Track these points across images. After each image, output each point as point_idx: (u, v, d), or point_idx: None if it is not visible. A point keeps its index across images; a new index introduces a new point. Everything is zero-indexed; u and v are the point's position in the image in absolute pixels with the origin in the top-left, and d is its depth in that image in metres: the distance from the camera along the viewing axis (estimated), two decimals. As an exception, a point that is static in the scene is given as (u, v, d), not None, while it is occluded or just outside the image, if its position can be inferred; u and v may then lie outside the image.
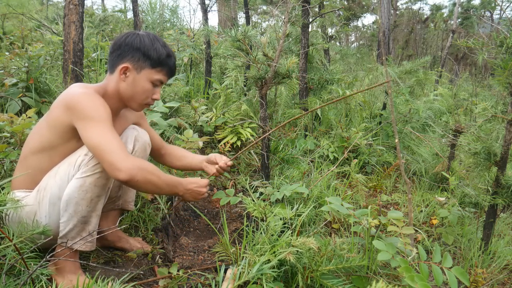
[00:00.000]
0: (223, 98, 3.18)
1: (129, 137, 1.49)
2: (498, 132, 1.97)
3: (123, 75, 1.33)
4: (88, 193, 1.20)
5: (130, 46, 1.31)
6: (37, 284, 1.15)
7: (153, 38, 1.34)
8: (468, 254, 1.80)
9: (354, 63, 7.84)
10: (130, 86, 1.34)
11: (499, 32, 1.63)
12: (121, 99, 1.38)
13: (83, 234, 1.24)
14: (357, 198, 2.37)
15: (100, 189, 1.22)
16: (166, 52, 1.35)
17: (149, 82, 1.35)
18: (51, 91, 2.66)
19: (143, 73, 1.33)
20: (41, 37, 4.45)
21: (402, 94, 3.55)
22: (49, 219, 1.24)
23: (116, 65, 1.33)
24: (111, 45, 1.36)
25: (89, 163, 1.20)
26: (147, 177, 1.22)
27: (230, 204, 2.06)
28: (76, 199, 1.19)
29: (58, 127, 1.25)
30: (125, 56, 1.32)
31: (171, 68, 1.39)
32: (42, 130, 1.29)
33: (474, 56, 8.35)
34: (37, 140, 1.28)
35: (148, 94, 1.38)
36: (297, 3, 3.03)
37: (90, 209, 1.22)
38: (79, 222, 1.21)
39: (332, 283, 1.24)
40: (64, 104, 1.24)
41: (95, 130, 1.19)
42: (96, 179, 1.20)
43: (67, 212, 1.19)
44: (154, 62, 1.33)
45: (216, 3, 6.23)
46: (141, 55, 1.31)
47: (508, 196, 1.67)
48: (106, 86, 1.36)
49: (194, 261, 1.62)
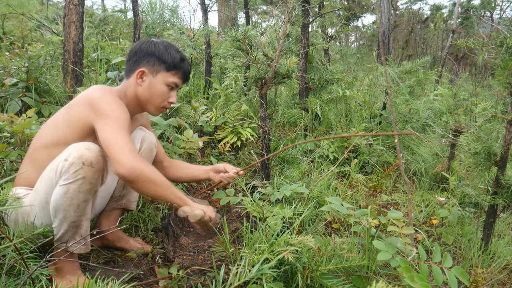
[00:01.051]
0: (223, 98, 3.18)
1: (136, 137, 1.52)
2: (498, 132, 1.97)
3: (140, 80, 1.40)
4: (73, 199, 1.17)
5: (146, 52, 1.39)
6: (37, 284, 1.15)
7: (167, 44, 1.42)
8: (468, 254, 1.80)
9: (354, 63, 7.84)
10: (147, 89, 1.40)
11: (499, 32, 1.63)
12: (139, 103, 1.44)
13: (77, 237, 1.23)
14: (357, 198, 2.37)
15: (85, 194, 1.19)
16: (180, 56, 1.42)
17: (164, 85, 1.41)
18: (51, 91, 2.66)
19: (158, 77, 1.40)
20: (41, 37, 4.45)
21: (402, 94, 3.55)
22: (41, 222, 1.24)
23: (133, 70, 1.41)
24: (128, 53, 1.43)
25: (70, 169, 1.15)
26: (148, 175, 1.22)
27: (230, 204, 2.06)
28: (63, 206, 1.17)
29: (77, 123, 1.27)
30: (141, 62, 1.39)
31: (185, 72, 1.45)
32: (58, 125, 1.30)
33: (474, 56, 8.35)
34: (52, 134, 1.29)
35: (165, 97, 1.44)
36: (297, 3, 3.03)
37: (79, 214, 1.20)
38: (70, 227, 1.20)
39: (332, 283, 1.24)
40: (86, 102, 1.28)
41: (110, 128, 1.23)
42: (79, 185, 1.16)
43: (57, 218, 1.19)
44: (168, 65, 1.39)
45: (216, 3, 6.23)
46: (156, 60, 1.39)
47: (508, 196, 1.67)
48: (126, 90, 1.43)
49: (194, 261, 1.62)
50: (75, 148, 1.17)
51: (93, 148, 1.18)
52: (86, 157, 1.15)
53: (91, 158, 1.16)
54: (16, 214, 1.26)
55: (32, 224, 1.23)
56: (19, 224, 1.24)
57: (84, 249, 1.27)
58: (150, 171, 1.24)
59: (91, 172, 1.16)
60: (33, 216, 1.24)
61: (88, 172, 1.16)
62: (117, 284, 1.03)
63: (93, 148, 1.18)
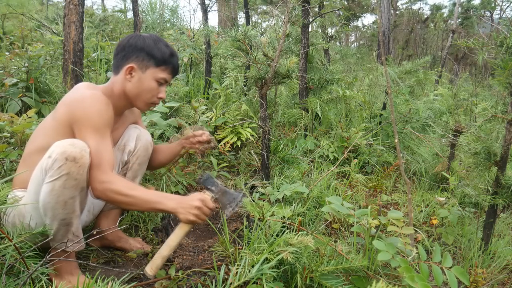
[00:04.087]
0: (223, 98, 3.18)
1: (131, 136, 1.51)
2: (498, 132, 1.97)
3: (128, 75, 1.37)
4: (60, 196, 1.15)
5: (134, 47, 1.35)
6: (37, 284, 1.15)
7: (156, 39, 1.38)
8: (468, 254, 1.80)
9: (354, 63, 7.84)
10: (136, 85, 1.38)
11: (499, 32, 1.63)
12: (127, 99, 1.42)
13: (69, 236, 1.23)
14: (357, 198, 2.37)
15: (71, 190, 1.17)
16: (169, 51, 1.39)
17: (154, 81, 1.39)
18: (51, 91, 2.66)
19: (148, 72, 1.37)
20: (41, 37, 4.45)
21: (402, 94, 3.55)
22: (36, 222, 1.23)
23: (121, 66, 1.37)
24: (115, 47, 1.40)
25: (54, 166, 1.13)
26: (113, 198, 1.22)
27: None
28: (51, 204, 1.16)
29: (63, 127, 1.26)
30: (129, 57, 1.36)
31: (175, 67, 1.43)
32: (47, 129, 1.29)
33: (474, 56, 8.35)
34: (43, 138, 1.29)
35: (154, 93, 1.41)
36: (297, 3, 3.03)
37: (67, 211, 1.19)
38: (60, 225, 1.19)
39: (331, 283, 1.24)
40: (67, 104, 1.27)
41: (89, 138, 1.22)
42: (64, 181, 1.14)
43: (47, 217, 1.18)
44: (158, 61, 1.37)
45: (216, 3, 6.23)
46: (145, 55, 1.36)
47: (508, 196, 1.67)
48: (112, 87, 1.40)
49: (194, 261, 1.62)
50: (58, 145, 1.15)
51: (77, 143, 1.16)
52: (69, 153, 1.13)
53: (74, 154, 1.14)
54: (13, 216, 1.26)
55: (29, 226, 1.23)
56: (17, 226, 1.23)
57: (79, 247, 1.27)
58: (116, 194, 1.22)
59: (75, 167, 1.14)
60: (28, 217, 1.23)
61: (71, 167, 1.14)
62: (117, 284, 1.03)
63: (77, 144, 1.16)
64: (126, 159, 1.53)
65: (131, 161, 1.54)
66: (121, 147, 1.53)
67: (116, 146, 1.53)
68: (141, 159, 1.56)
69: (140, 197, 1.23)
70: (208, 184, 1.39)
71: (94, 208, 1.52)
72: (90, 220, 1.53)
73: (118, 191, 1.21)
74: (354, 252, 1.44)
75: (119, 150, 1.53)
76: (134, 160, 1.54)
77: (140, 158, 1.55)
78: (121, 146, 1.54)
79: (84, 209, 1.47)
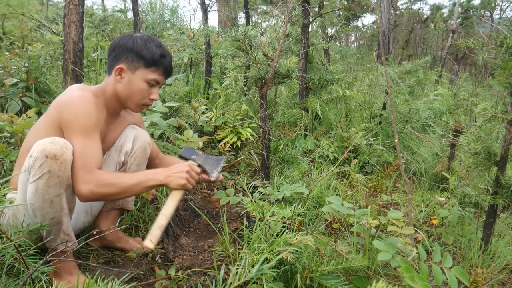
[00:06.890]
0: (223, 98, 3.18)
1: (128, 136, 1.50)
2: (498, 132, 1.97)
3: (118, 76, 1.36)
4: (45, 195, 1.15)
5: (124, 48, 1.34)
6: (37, 284, 1.15)
7: (147, 39, 1.36)
8: (468, 254, 1.80)
9: (354, 63, 7.84)
10: (126, 86, 1.36)
11: (499, 32, 1.63)
12: (119, 100, 1.40)
13: (61, 235, 1.23)
14: (357, 198, 2.37)
15: (55, 188, 1.16)
16: (160, 52, 1.36)
17: (144, 82, 1.37)
18: (51, 91, 2.66)
19: (137, 74, 1.35)
20: (41, 37, 4.45)
21: (402, 94, 3.55)
22: (28, 223, 1.23)
23: (112, 66, 1.37)
24: (108, 48, 1.39)
25: (35, 165, 1.13)
26: (102, 192, 1.21)
27: (230, 204, 2.06)
28: (38, 204, 1.16)
29: (52, 127, 1.26)
30: (120, 58, 1.35)
31: (167, 68, 1.39)
32: (41, 131, 1.29)
33: (474, 56, 8.35)
34: (36, 138, 1.28)
35: (145, 94, 1.39)
36: (297, 3, 3.03)
37: (55, 210, 1.18)
38: (51, 224, 1.19)
39: (331, 283, 1.24)
40: (57, 105, 1.27)
41: (75, 140, 1.22)
42: (47, 179, 1.14)
43: (37, 218, 1.18)
44: (147, 62, 1.34)
45: (216, 3, 6.23)
46: (134, 56, 1.34)
47: (508, 196, 1.67)
48: (105, 87, 1.39)
49: (194, 261, 1.62)
50: (39, 143, 1.15)
51: (57, 141, 1.15)
52: (49, 150, 1.12)
53: (54, 151, 1.13)
54: (8, 218, 1.26)
55: (22, 227, 1.23)
56: (12, 225, 1.23)
57: (71, 245, 1.26)
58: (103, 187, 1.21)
59: (55, 164, 1.13)
60: (21, 218, 1.23)
61: (52, 165, 1.13)
62: (117, 284, 1.03)
63: (58, 141, 1.15)
64: (123, 159, 1.51)
65: (129, 162, 1.52)
66: (118, 148, 1.51)
67: (113, 147, 1.51)
68: (139, 160, 1.53)
69: (129, 182, 1.25)
70: (189, 154, 1.45)
71: (92, 209, 1.52)
72: (88, 221, 1.53)
73: (103, 184, 1.21)
74: (354, 252, 1.44)
75: (116, 151, 1.51)
76: (132, 161, 1.52)
77: (138, 159, 1.53)
78: (118, 147, 1.51)
79: (81, 209, 1.47)
